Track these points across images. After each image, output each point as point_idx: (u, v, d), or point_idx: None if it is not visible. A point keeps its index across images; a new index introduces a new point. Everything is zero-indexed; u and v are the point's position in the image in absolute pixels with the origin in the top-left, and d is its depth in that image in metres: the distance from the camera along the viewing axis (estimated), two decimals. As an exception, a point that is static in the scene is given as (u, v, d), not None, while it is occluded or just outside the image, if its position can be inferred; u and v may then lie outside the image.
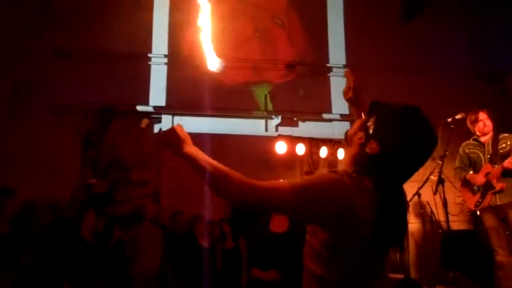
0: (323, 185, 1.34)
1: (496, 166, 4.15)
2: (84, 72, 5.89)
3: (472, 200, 4.25)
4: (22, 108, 5.74)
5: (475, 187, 4.24)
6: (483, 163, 4.25)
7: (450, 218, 4.16)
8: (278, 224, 3.82)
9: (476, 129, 4.35)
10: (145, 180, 5.71)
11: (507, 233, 4.15)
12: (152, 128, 6.24)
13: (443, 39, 6.82)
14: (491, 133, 4.33)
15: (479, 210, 4.20)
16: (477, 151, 4.34)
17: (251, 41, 6.82)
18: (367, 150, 1.37)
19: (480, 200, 4.17)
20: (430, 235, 5.65)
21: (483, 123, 4.31)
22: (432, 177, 4.58)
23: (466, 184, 4.35)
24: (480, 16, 6.84)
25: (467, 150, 4.40)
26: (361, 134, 1.42)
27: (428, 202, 5.40)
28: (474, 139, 4.41)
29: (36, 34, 5.89)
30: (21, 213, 3.89)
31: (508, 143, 4.24)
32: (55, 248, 3.47)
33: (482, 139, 4.35)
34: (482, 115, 4.33)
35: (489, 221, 4.12)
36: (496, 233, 4.07)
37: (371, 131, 1.39)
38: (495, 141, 4.28)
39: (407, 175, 1.40)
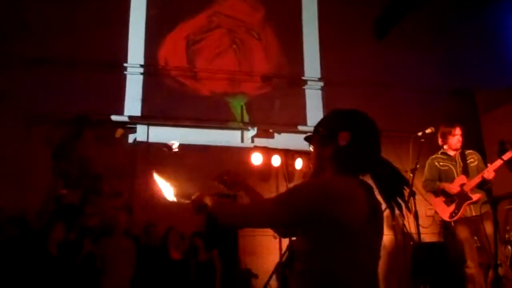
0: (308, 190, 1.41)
1: (469, 178, 4.25)
2: (57, 81, 5.78)
3: (446, 211, 4.31)
4: (-9, 115, 5.57)
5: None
6: (455, 176, 4.34)
7: (421, 230, 4.23)
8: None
9: (449, 142, 4.43)
10: (117, 192, 5.60)
11: (478, 245, 4.24)
12: (127, 138, 6.16)
13: (415, 56, 7.03)
14: (459, 149, 4.46)
15: (453, 221, 4.26)
16: (448, 164, 4.43)
17: (227, 53, 6.85)
18: (340, 142, 1.45)
19: (456, 211, 4.23)
20: (401, 247, 5.73)
21: (457, 139, 4.41)
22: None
23: (440, 194, 4.42)
24: (450, 35, 7.08)
25: (436, 163, 4.48)
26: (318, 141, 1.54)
27: (400, 214, 5.48)
28: (443, 153, 4.51)
29: (6, 42, 5.75)
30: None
31: (475, 158, 4.37)
32: (19, 261, 3.34)
33: (451, 153, 4.46)
34: (458, 131, 4.42)
35: (463, 233, 4.18)
36: (468, 245, 4.14)
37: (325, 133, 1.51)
38: (463, 155, 4.40)
39: (376, 151, 1.50)
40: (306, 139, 1.63)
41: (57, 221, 3.97)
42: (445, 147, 4.49)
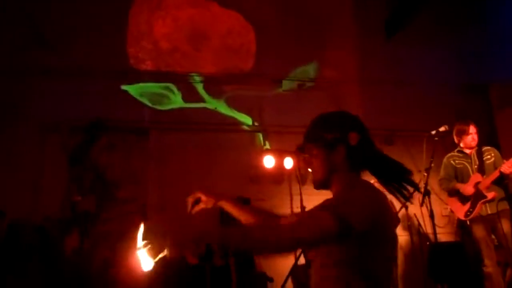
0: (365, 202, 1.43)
1: (485, 176, 4.20)
2: (71, 89, 5.85)
3: (461, 210, 4.27)
4: (7, 126, 5.66)
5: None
6: (471, 174, 4.30)
7: (437, 230, 4.19)
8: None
9: (464, 141, 4.40)
10: (132, 197, 5.65)
11: (496, 243, 4.19)
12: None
13: (426, 52, 6.96)
14: (475, 147, 4.40)
15: (469, 220, 4.22)
16: (464, 162, 4.39)
17: (238, 54, 6.87)
18: (351, 143, 1.51)
19: (470, 209, 4.19)
20: (417, 248, 5.68)
21: (472, 137, 4.37)
22: (418, 189, 4.62)
23: (455, 194, 4.38)
24: (461, 29, 7.00)
25: (452, 162, 4.44)
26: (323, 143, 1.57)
27: (415, 214, 5.44)
28: (459, 151, 4.47)
29: (21, 53, 5.86)
30: (8, 235, 3.79)
31: (492, 154, 4.32)
32: (37, 268, 3.40)
33: (467, 151, 4.41)
34: (473, 129, 4.39)
35: (479, 231, 4.14)
36: (485, 244, 4.10)
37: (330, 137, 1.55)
38: (480, 153, 4.35)
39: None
40: (300, 148, 1.67)
41: (72, 228, 4.02)
42: (461, 145, 4.45)
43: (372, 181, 1.56)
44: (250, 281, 5.13)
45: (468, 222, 4.25)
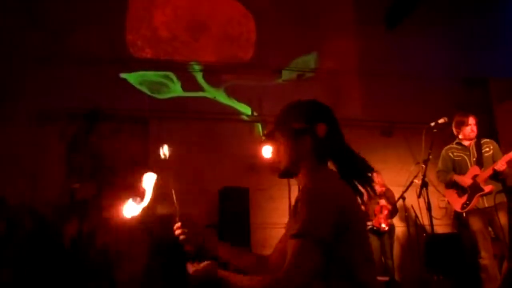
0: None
1: (483, 169, 4.21)
2: (69, 76, 5.83)
3: (458, 202, 4.29)
4: (5, 113, 5.64)
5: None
6: (469, 166, 4.30)
7: (434, 221, 4.21)
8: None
9: (463, 132, 4.39)
10: (131, 185, 5.65)
11: (492, 236, 4.21)
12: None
13: (426, 45, 6.94)
14: (474, 139, 4.40)
15: (465, 212, 4.24)
16: (462, 155, 4.39)
17: (238, 43, 6.84)
18: (318, 134, 1.48)
19: (467, 202, 4.20)
20: (414, 239, 5.72)
21: (471, 129, 4.36)
22: (416, 180, 4.64)
23: (452, 186, 4.39)
24: (462, 22, 6.97)
25: (450, 154, 4.44)
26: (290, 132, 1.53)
27: (412, 206, 5.47)
28: (458, 143, 4.47)
29: (18, 39, 5.82)
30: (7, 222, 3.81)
31: (491, 147, 4.32)
32: (36, 255, 3.42)
33: (465, 143, 4.41)
34: (472, 120, 4.37)
35: (475, 224, 4.16)
36: (481, 236, 4.12)
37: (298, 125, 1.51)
38: (478, 145, 4.35)
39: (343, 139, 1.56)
40: (268, 135, 1.62)
41: (71, 215, 4.04)
42: (460, 136, 4.45)
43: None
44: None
45: (464, 215, 4.27)
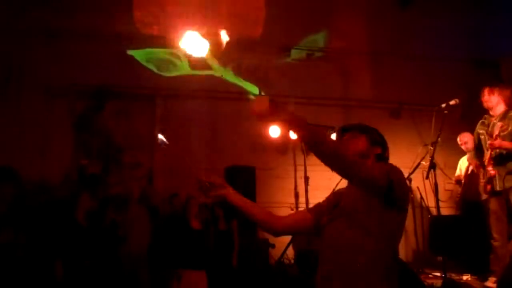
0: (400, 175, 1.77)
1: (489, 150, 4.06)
2: (77, 53, 5.80)
3: (481, 185, 4.19)
4: (13, 89, 5.67)
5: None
6: (486, 145, 4.08)
7: (440, 204, 4.20)
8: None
9: (484, 106, 4.17)
10: (137, 162, 5.71)
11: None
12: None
13: (438, 26, 6.81)
14: (502, 110, 4.04)
15: (488, 194, 4.10)
16: (483, 131, 4.16)
17: (246, 21, 6.75)
18: (375, 151, 1.94)
19: (487, 184, 4.07)
20: (419, 220, 5.74)
21: (485, 100, 4.15)
22: (423, 162, 4.60)
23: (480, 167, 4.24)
24: (475, 3, 6.82)
25: (478, 130, 4.25)
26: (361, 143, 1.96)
27: (418, 188, 5.47)
28: (485, 117, 4.20)
29: (26, 15, 5.78)
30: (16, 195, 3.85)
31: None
32: (47, 228, 3.47)
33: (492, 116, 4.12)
34: (484, 93, 4.15)
35: (493, 205, 4.03)
36: (495, 217, 4.02)
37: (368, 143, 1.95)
38: (503, 118, 3.99)
39: None
40: (355, 127, 2.00)
41: (82, 191, 4.08)
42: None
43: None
44: (252, 246, 5.24)
45: (483, 197, 4.17)
